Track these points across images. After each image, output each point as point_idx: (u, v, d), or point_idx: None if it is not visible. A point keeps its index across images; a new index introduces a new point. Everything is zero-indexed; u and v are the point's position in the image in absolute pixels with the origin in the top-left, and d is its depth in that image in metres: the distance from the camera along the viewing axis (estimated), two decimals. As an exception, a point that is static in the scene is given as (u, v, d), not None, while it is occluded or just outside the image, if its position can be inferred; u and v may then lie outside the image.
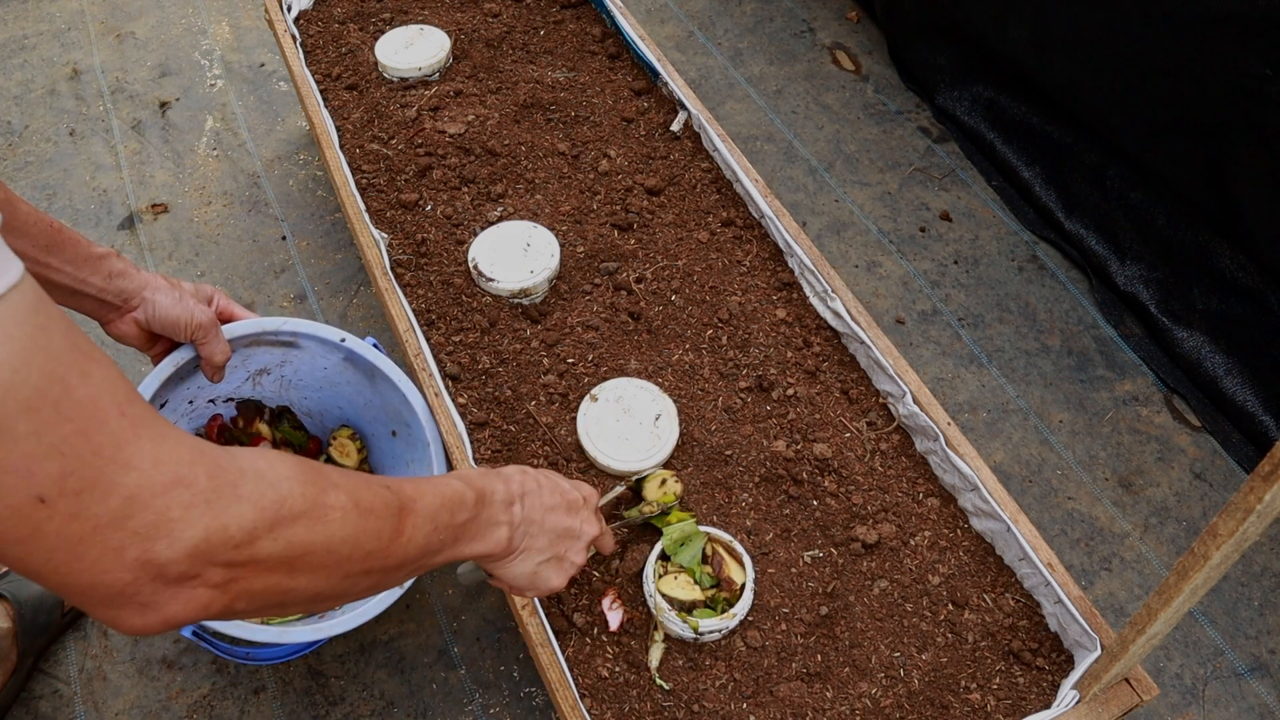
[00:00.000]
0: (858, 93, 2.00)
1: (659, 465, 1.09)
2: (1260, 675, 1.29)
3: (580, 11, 1.69)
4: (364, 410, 1.25)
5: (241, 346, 1.13)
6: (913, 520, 1.10)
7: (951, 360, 1.59)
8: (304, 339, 1.16)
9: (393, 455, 1.24)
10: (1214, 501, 1.44)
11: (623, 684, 0.99)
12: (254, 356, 1.17)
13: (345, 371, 1.22)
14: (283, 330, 1.14)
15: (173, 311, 1.01)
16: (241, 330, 1.10)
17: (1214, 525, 0.65)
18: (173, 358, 1.06)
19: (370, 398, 1.23)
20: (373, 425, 1.26)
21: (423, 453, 1.15)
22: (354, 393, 1.24)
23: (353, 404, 1.26)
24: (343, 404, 1.27)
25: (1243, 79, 1.30)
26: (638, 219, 1.37)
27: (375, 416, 1.25)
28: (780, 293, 1.30)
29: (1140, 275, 1.62)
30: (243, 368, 1.18)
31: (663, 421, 1.11)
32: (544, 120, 1.51)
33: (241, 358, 1.15)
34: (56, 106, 1.98)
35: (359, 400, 1.25)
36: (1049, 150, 1.76)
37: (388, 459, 1.25)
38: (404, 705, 1.24)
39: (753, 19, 2.15)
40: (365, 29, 1.65)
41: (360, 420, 1.28)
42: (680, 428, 1.16)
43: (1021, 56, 1.70)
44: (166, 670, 1.27)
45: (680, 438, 1.16)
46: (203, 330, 1.03)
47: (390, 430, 1.23)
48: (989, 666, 1.00)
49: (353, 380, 1.22)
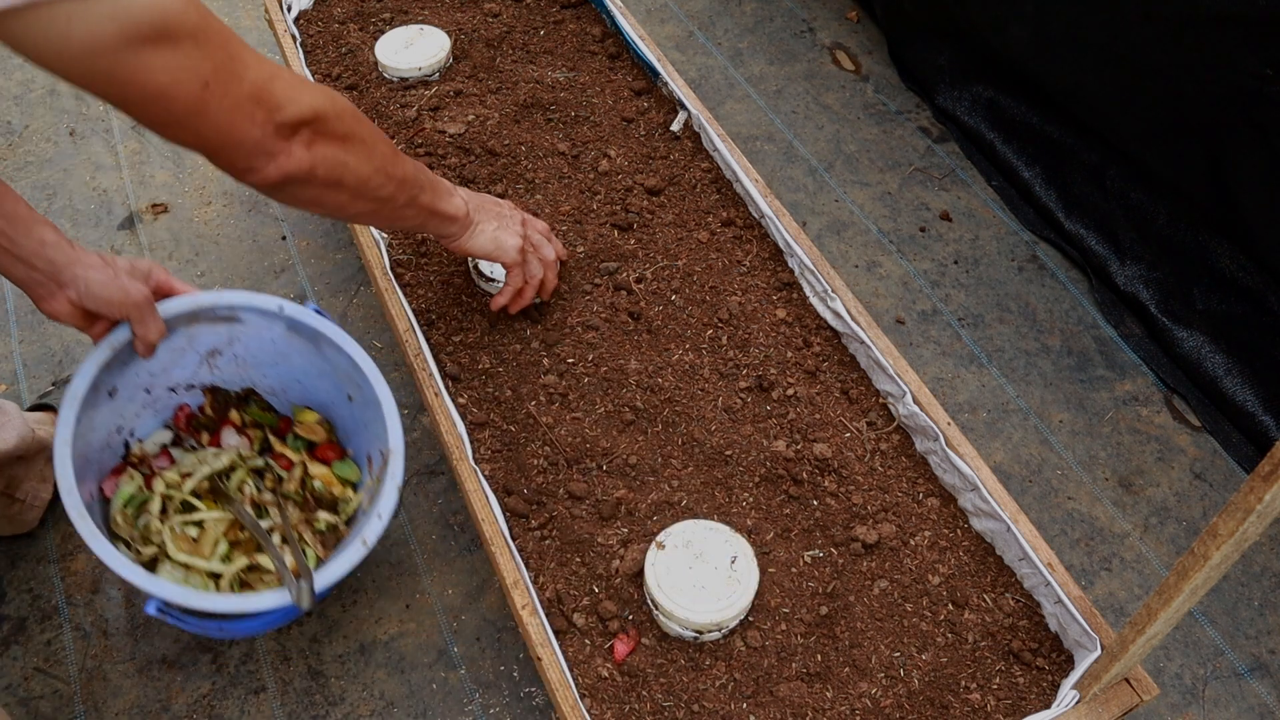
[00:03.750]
0: (858, 93, 2.00)
1: (742, 614, 1.02)
2: (1260, 675, 1.29)
3: (580, 11, 1.69)
4: (319, 380, 1.23)
5: (183, 325, 1.12)
6: (913, 520, 1.10)
7: (951, 360, 1.59)
8: (243, 311, 1.15)
9: (352, 420, 1.23)
10: (1214, 501, 1.44)
11: (623, 684, 0.99)
12: (200, 337, 1.16)
13: (292, 341, 1.19)
14: (219, 304, 1.12)
15: (106, 290, 1.00)
16: (179, 307, 1.09)
17: (1214, 525, 0.65)
18: (108, 340, 1.05)
19: (321, 365, 1.21)
20: (330, 394, 1.24)
21: (375, 412, 1.15)
22: (306, 363, 1.22)
23: (308, 374, 1.23)
24: (299, 376, 1.24)
25: (1243, 79, 1.30)
26: (638, 219, 1.37)
27: (330, 385, 1.23)
28: (780, 293, 1.30)
29: (1140, 275, 1.62)
30: (191, 350, 1.16)
31: (740, 564, 1.02)
32: (544, 120, 1.51)
33: (187, 338, 1.14)
34: (56, 106, 1.98)
35: (312, 370, 1.22)
36: (1049, 150, 1.76)
37: (349, 424, 1.24)
38: (404, 705, 1.24)
39: (753, 19, 2.15)
40: (365, 29, 1.65)
41: (318, 391, 1.25)
42: (682, 429, 1.16)
43: (1021, 56, 1.70)
44: (166, 670, 1.27)
45: (680, 438, 1.16)
46: (137, 309, 1.03)
47: (346, 395, 1.21)
48: (989, 666, 1.00)
49: (301, 350, 1.20)
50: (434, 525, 1.39)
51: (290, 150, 0.84)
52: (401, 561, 1.36)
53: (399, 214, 1.04)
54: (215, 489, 1.17)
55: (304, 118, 0.84)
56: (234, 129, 0.79)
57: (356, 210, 0.98)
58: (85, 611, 1.32)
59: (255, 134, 0.81)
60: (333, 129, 0.88)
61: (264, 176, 0.85)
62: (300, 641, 1.30)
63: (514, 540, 1.07)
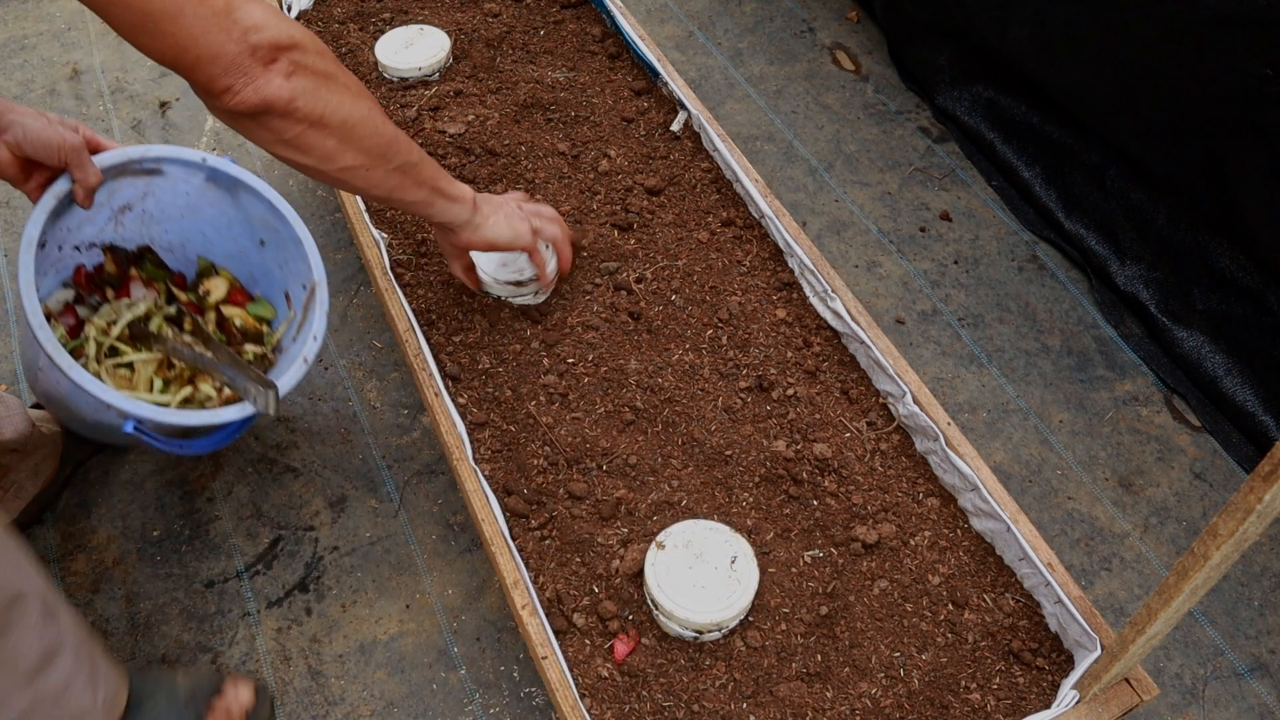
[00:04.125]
0: (858, 93, 2.00)
1: (742, 613, 1.03)
2: (1260, 675, 1.29)
3: (580, 11, 1.69)
4: (227, 230, 1.30)
5: (109, 179, 1.15)
6: (913, 520, 1.10)
7: (951, 360, 1.59)
8: (168, 164, 1.20)
9: (263, 265, 1.32)
10: (1214, 501, 1.44)
11: (623, 684, 0.99)
12: (119, 191, 1.20)
13: (208, 193, 1.26)
14: (147, 157, 1.16)
15: (45, 134, 1.03)
16: (110, 160, 1.12)
17: (1214, 525, 0.65)
18: (53, 190, 1.08)
19: (234, 215, 1.28)
20: (238, 243, 1.31)
21: (295, 250, 1.25)
22: (216, 214, 1.29)
23: (215, 226, 1.30)
24: (204, 228, 1.30)
25: (1243, 79, 1.30)
26: (638, 219, 1.37)
27: (240, 233, 1.30)
28: (780, 293, 1.30)
29: (1140, 275, 1.62)
30: (107, 205, 1.20)
31: (740, 564, 1.03)
32: (544, 120, 1.51)
33: (107, 193, 1.18)
34: (57, 106, 1.98)
35: (221, 221, 1.29)
36: (1049, 150, 1.76)
37: (258, 269, 1.33)
38: (404, 705, 1.24)
39: (753, 19, 2.15)
40: (365, 29, 1.65)
41: (223, 241, 1.32)
42: (682, 429, 1.16)
43: (1021, 56, 1.70)
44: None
45: (680, 438, 1.16)
46: (75, 152, 1.06)
47: (258, 240, 1.30)
48: (989, 666, 1.00)
49: (215, 200, 1.27)
50: (434, 525, 1.39)
51: (269, 77, 0.85)
52: (401, 561, 1.36)
53: (399, 184, 1.03)
54: (136, 335, 1.24)
55: (280, 43, 0.85)
56: (209, 38, 0.81)
57: (348, 163, 0.97)
58: (85, 611, 1.32)
59: (231, 49, 0.82)
60: (313, 64, 0.89)
61: (241, 99, 0.85)
62: (300, 641, 1.30)
63: (514, 540, 1.07)
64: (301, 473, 1.45)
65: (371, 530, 1.39)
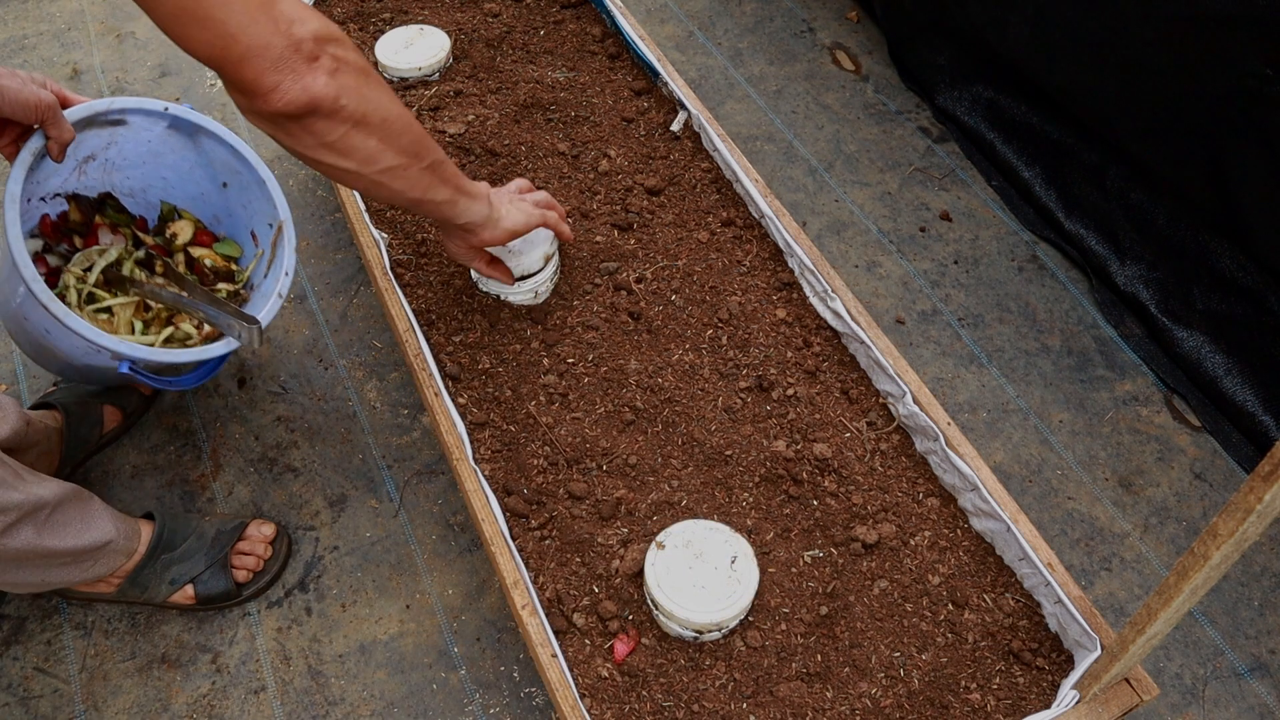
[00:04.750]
0: (858, 93, 2.00)
1: (742, 613, 1.02)
2: (1260, 675, 1.29)
3: (580, 11, 1.69)
4: (188, 174, 1.36)
5: (77, 131, 1.18)
6: (913, 520, 1.10)
7: (951, 360, 1.59)
8: (131, 114, 1.24)
9: (225, 206, 1.38)
10: (1214, 501, 1.44)
11: (623, 684, 0.99)
12: (85, 142, 1.24)
13: (169, 140, 1.31)
14: (112, 109, 1.21)
15: (22, 93, 1.06)
16: (77, 114, 1.16)
17: (1214, 525, 0.65)
18: (29, 147, 1.12)
19: (195, 159, 1.34)
20: (200, 186, 1.37)
21: (259, 191, 1.31)
22: (178, 160, 1.34)
23: (176, 171, 1.35)
24: (165, 173, 1.35)
25: (1243, 79, 1.30)
26: (638, 219, 1.37)
27: (201, 176, 1.36)
28: (780, 293, 1.30)
29: (1140, 275, 1.62)
30: (72, 156, 1.24)
31: (740, 564, 1.02)
32: (544, 120, 1.51)
33: (74, 145, 1.21)
34: (56, 106, 1.97)
35: (183, 166, 1.35)
36: (1049, 150, 1.76)
37: (220, 210, 1.39)
38: (404, 705, 1.24)
39: (753, 19, 2.15)
40: (365, 29, 1.65)
41: (184, 185, 1.37)
42: (681, 429, 1.16)
43: (1021, 56, 1.70)
44: (167, 670, 1.27)
45: (680, 438, 1.16)
46: (51, 110, 1.09)
47: (220, 183, 1.36)
48: (989, 666, 1.00)
49: (176, 147, 1.32)
50: (434, 525, 1.39)
51: (315, 74, 0.82)
52: (401, 561, 1.36)
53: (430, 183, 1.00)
54: (111, 280, 1.29)
55: (322, 36, 0.82)
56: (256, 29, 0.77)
57: (388, 164, 0.93)
58: (86, 610, 1.32)
59: (279, 42, 0.78)
60: (353, 60, 0.85)
61: (290, 99, 0.81)
62: (300, 641, 1.30)
63: (514, 540, 1.07)
64: (301, 473, 1.45)
65: (371, 530, 1.39)
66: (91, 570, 1.18)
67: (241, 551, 1.31)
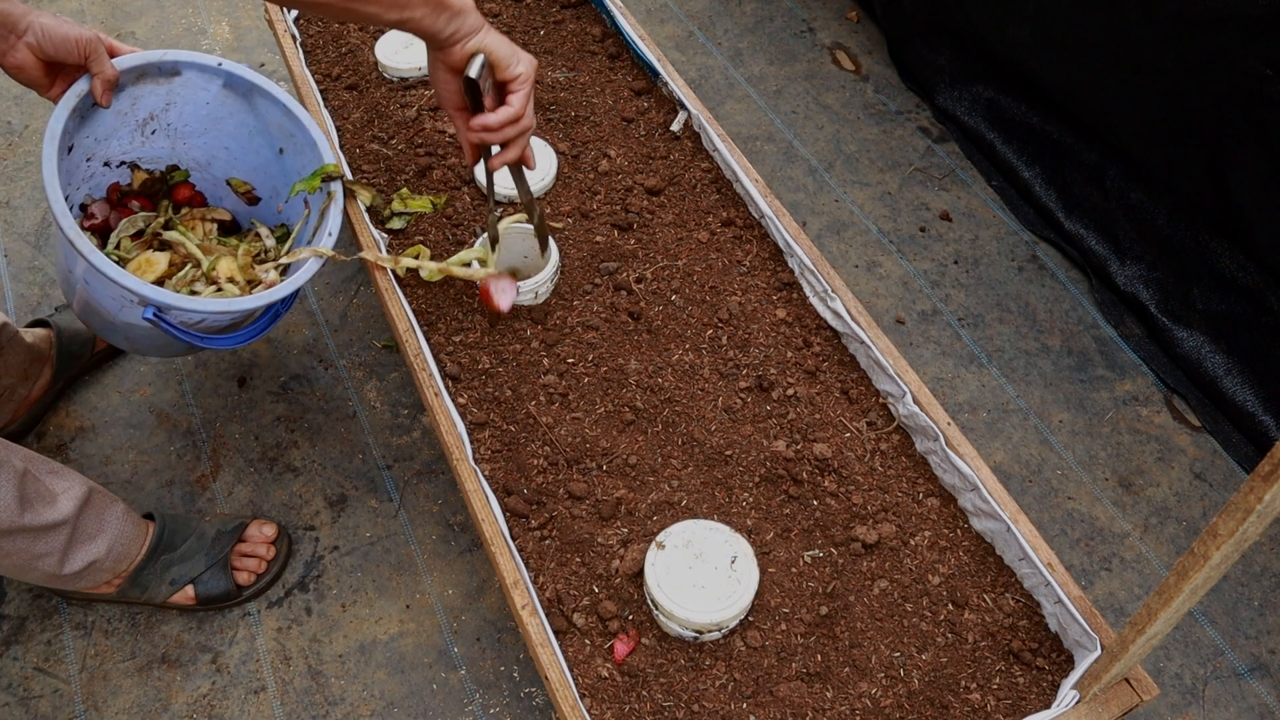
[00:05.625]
0: (858, 93, 2.00)
1: (742, 613, 1.02)
2: (1260, 675, 1.29)
3: (580, 11, 1.69)
4: (248, 141, 1.32)
5: (130, 83, 1.18)
6: (913, 520, 1.10)
7: (951, 360, 1.59)
8: (185, 66, 1.22)
9: (282, 173, 1.33)
10: (1214, 501, 1.44)
11: (623, 684, 0.99)
12: (142, 99, 1.22)
13: (227, 103, 1.28)
14: (165, 60, 1.19)
15: (62, 29, 1.07)
16: (127, 63, 1.15)
17: (1214, 525, 0.65)
18: (74, 89, 1.11)
19: (254, 125, 1.31)
20: (260, 155, 1.34)
21: (311, 153, 1.27)
22: (237, 125, 1.31)
23: (237, 139, 1.32)
24: (228, 143, 1.32)
25: (1243, 79, 1.30)
26: (638, 219, 1.37)
27: (261, 143, 1.32)
28: (780, 293, 1.30)
29: (1140, 275, 1.62)
30: (131, 115, 1.22)
31: (740, 564, 1.02)
32: (544, 120, 1.51)
33: (130, 101, 1.20)
34: (56, 106, 1.98)
35: (243, 132, 1.31)
36: (1049, 150, 1.76)
37: (278, 179, 1.34)
38: (404, 705, 1.24)
39: (753, 19, 2.15)
40: (365, 29, 1.65)
41: (246, 154, 1.34)
42: (681, 429, 1.16)
43: (1021, 56, 1.70)
44: (167, 670, 1.27)
45: (680, 438, 1.16)
46: (93, 46, 1.09)
47: (278, 149, 1.32)
48: (989, 666, 1.00)
49: (235, 110, 1.29)
50: (434, 525, 1.39)
51: None
52: (401, 561, 1.36)
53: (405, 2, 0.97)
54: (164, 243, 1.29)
55: None
56: None
57: None
58: (86, 611, 1.32)
59: None
60: None
61: None
62: (300, 641, 1.30)
63: (514, 540, 1.07)
64: (301, 473, 1.45)
65: (371, 530, 1.39)
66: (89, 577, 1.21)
67: (244, 553, 1.32)
